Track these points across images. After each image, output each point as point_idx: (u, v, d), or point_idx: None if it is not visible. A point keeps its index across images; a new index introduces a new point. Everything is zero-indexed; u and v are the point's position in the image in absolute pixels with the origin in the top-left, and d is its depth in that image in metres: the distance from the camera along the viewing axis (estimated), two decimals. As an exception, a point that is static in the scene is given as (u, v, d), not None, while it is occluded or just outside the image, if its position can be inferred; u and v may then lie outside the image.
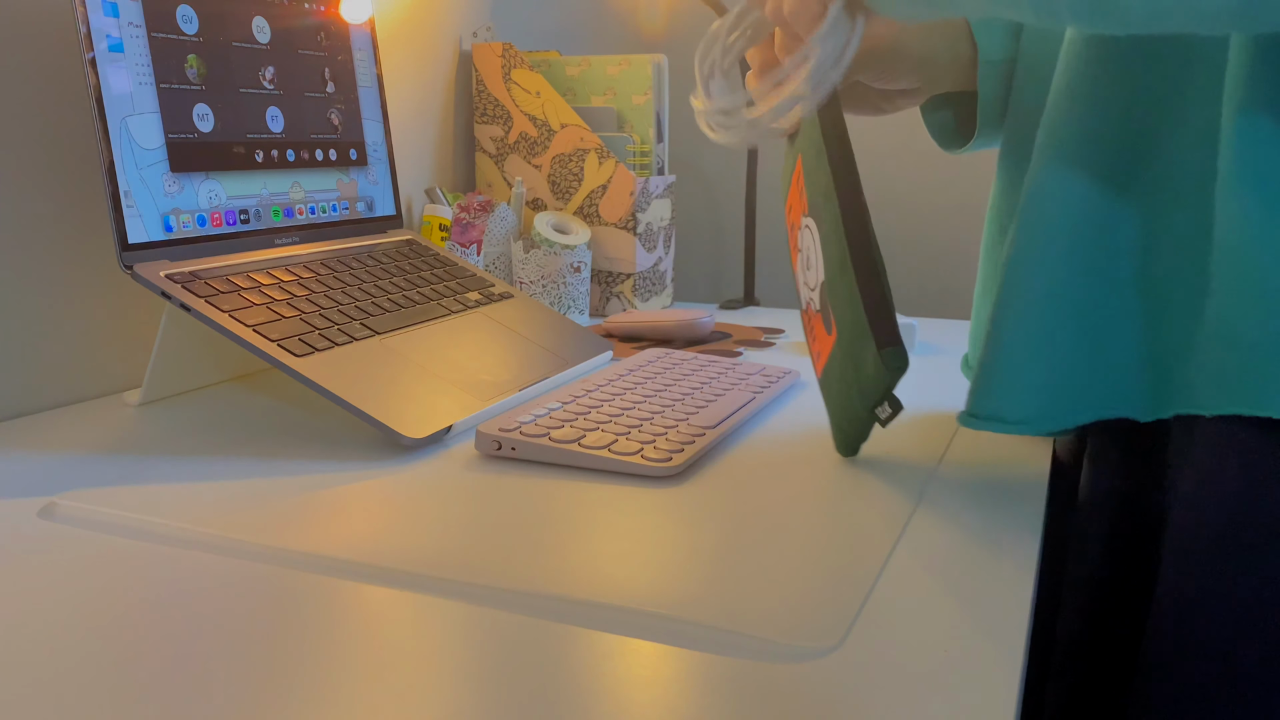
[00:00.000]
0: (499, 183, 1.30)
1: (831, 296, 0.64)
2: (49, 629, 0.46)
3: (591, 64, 1.27)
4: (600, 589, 0.49)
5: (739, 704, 0.40)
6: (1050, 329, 0.55)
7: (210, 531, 0.56)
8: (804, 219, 0.68)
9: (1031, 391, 0.56)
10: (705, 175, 1.68)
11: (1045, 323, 0.55)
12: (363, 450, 0.71)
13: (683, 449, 0.67)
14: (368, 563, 0.52)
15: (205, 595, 0.49)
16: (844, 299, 0.62)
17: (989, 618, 0.47)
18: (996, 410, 0.57)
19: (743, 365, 0.90)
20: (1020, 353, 0.56)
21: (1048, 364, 0.55)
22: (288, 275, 0.84)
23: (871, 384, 0.60)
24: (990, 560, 0.53)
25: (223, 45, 0.85)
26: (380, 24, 1.15)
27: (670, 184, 1.27)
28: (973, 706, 0.40)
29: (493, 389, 0.80)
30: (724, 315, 1.27)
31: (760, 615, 0.47)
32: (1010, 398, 0.56)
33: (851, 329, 0.61)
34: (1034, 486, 0.65)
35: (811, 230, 0.67)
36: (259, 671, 0.42)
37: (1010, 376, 0.56)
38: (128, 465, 0.68)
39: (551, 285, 1.13)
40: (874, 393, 0.60)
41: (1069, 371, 0.55)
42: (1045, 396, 0.56)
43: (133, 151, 0.77)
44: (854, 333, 0.61)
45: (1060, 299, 0.55)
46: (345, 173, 0.98)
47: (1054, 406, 0.56)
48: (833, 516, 0.59)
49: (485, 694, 0.40)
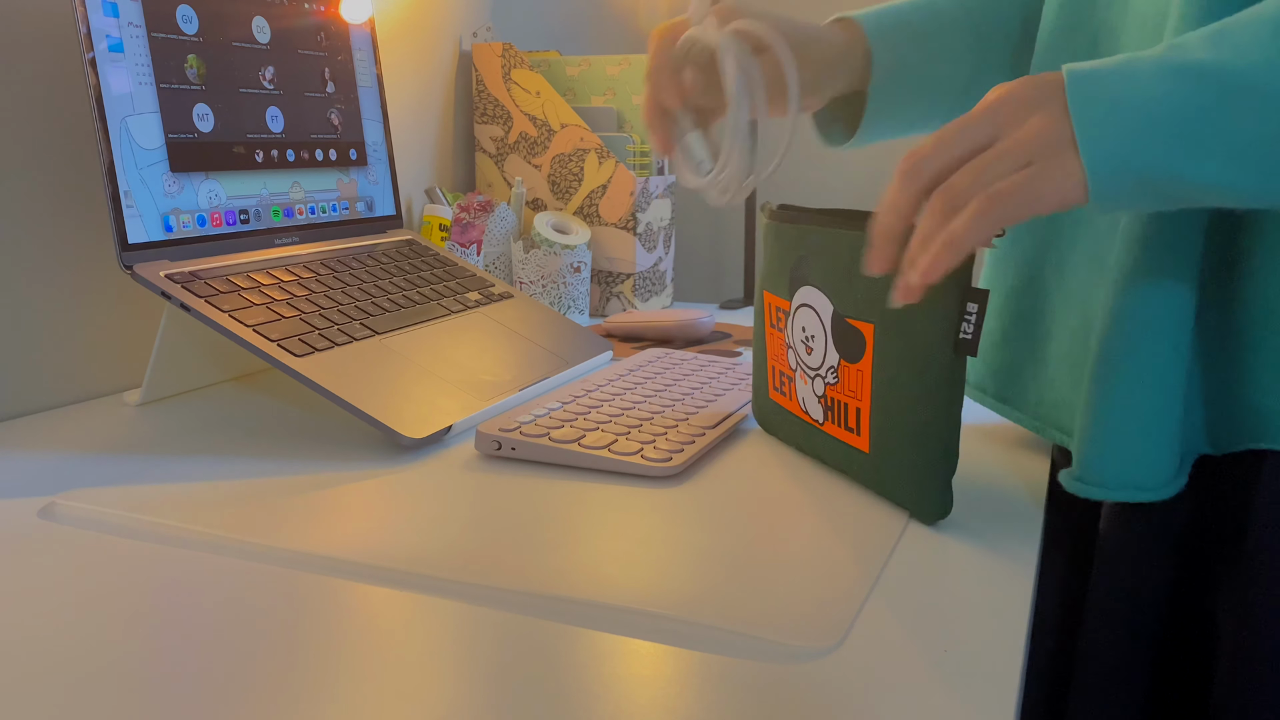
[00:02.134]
0: (499, 183, 1.30)
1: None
2: (49, 629, 0.46)
3: (591, 64, 1.27)
4: (600, 589, 0.49)
5: (739, 704, 0.40)
6: (1156, 406, 0.57)
7: (210, 531, 0.56)
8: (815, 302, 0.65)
9: (1149, 461, 0.57)
10: (705, 175, 1.67)
11: (1152, 401, 0.56)
12: (363, 450, 0.71)
13: (683, 449, 0.67)
14: (368, 563, 0.52)
15: (205, 595, 0.49)
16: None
17: (989, 618, 0.47)
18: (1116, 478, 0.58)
19: (743, 365, 0.90)
20: (1131, 426, 0.57)
21: (1159, 437, 0.57)
22: (288, 275, 0.84)
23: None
24: (990, 560, 0.53)
25: (223, 45, 0.85)
26: (380, 24, 1.15)
27: (670, 184, 1.27)
28: (973, 706, 0.40)
29: (493, 389, 0.80)
30: (724, 315, 1.27)
31: (760, 615, 0.47)
32: (1128, 467, 0.58)
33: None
34: (1034, 488, 0.65)
35: (818, 313, 0.64)
36: (259, 671, 0.42)
37: (1122, 448, 0.57)
38: (128, 465, 0.68)
39: (551, 285, 1.13)
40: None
41: (1170, 438, 0.57)
42: (1159, 466, 0.57)
43: (133, 151, 0.77)
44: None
45: (1161, 379, 0.56)
46: (345, 173, 0.98)
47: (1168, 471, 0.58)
48: (833, 516, 0.59)
49: (485, 694, 0.40)
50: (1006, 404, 0.71)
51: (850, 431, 0.62)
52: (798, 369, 0.67)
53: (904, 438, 0.58)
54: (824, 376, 0.64)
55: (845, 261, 0.62)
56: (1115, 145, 0.46)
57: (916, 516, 0.59)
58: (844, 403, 0.62)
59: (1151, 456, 0.56)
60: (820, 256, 0.64)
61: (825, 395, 0.64)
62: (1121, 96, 0.46)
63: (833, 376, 0.63)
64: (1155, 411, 0.56)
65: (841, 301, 0.62)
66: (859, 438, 0.61)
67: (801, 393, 0.67)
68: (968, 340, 0.55)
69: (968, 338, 0.55)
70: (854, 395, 0.61)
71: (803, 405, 0.67)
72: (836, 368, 0.63)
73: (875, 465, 0.61)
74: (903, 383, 0.58)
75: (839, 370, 0.62)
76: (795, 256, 0.66)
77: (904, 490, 0.59)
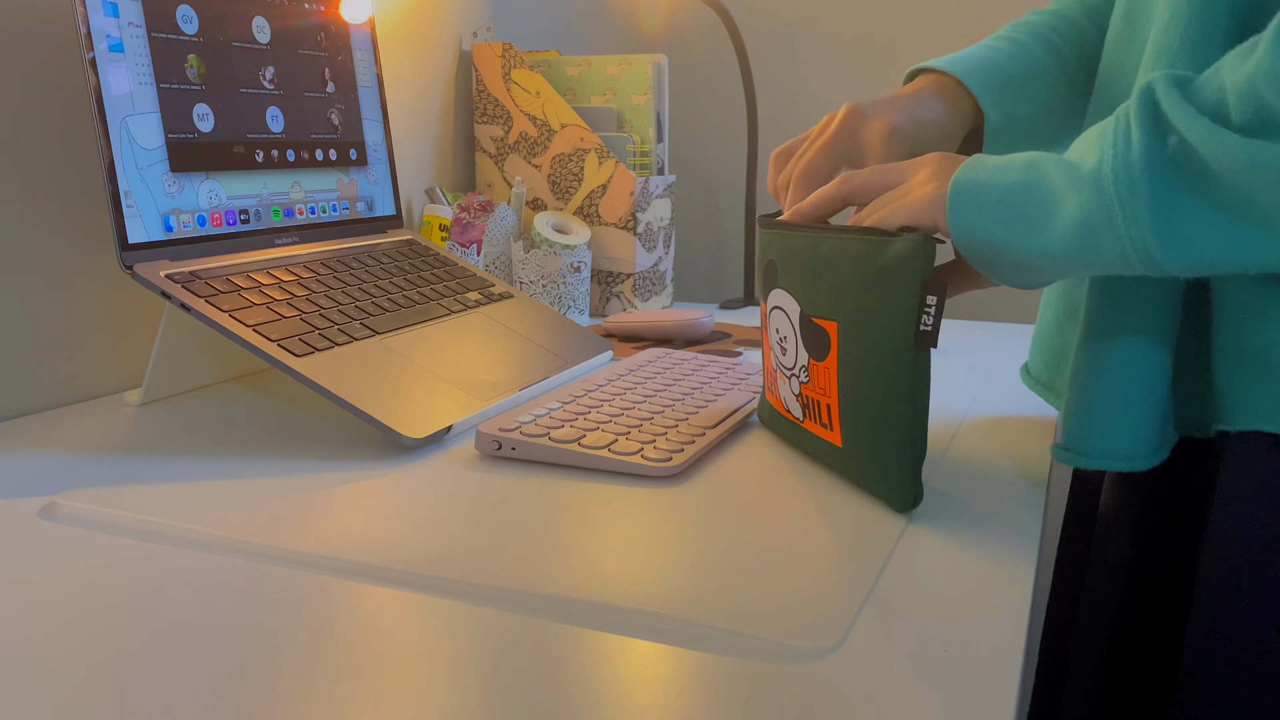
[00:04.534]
0: (499, 183, 1.30)
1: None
2: (49, 629, 0.46)
3: (591, 64, 1.27)
4: (600, 589, 0.49)
5: (739, 704, 0.40)
6: (1140, 379, 0.59)
7: (211, 531, 0.56)
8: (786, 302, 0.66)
9: (1130, 433, 0.60)
10: (705, 175, 1.68)
11: (1135, 374, 0.59)
12: (363, 450, 0.71)
13: (683, 449, 0.67)
14: (368, 563, 0.52)
15: (205, 595, 0.49)
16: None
17: (989, 618, 0.47)
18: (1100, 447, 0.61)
19: (743, 365, 0.90)
20: (1116, 397, 0.60)
21: (1144, 409, 0.60)
22: (288, 275, 0.84)
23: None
24: (990, 560, 0.53)
25: (223, 45, 0.85)
26: (380, 24, 1.15)
27: (670, 184, 1.27)
28: (973, 706, 0.40)
29: (493, 389, 0.80)
30: (724, 315, 1.27)
31: (760, 615, 0.47)
32: (1111, 438, 0.60)
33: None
34: (1034, 487, 0.65)
35: (787, 313, 0.66)
36: (259, 671, 0.42)
37: (1108, 418, 0.60)
38: (128, 465, 0.68)
39: (551, 285, 1.13)
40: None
41: (1158, 412, 0.60)
42: (1140, 437, 0.60)
43: (133, 151, 0.77)
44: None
45: (1144, 357, 0.59)
46: (345, 173, 0.98)
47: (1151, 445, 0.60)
48: (833, 516, 0.59)
49: (485, 694, 0.40)
50: (1051, 391, 0.72)
51: (825, 427, 0.64)
52: (777, 369, 0.68)
53: (872, 430, 0.59)
54: (798, 376, 0.65)
55: (807, 262, 0.63)
56: (970, 218, 0.55)
57: (889, 506, 0.60)
58: (816, 400, 0.64)
59: (1133, 428, 0.59)
60: (786, 259, 0.66)
61: (801, 394, 0.66)
62: (987, 180, 0.55)
63: (805, 375, 0.64)
64: (1138, 384, 0.58)
65: (807, 301, 0.63)
66: (832, 433, 0.63)
67: (783, 392, 0.68)
68: (928, 332, 0.56)
69: (928, 329, 0.56)
70: (824, 392, 0.63)
71: (785, 404, 0.69)
72: (807, 366, 0.64)
73: (848, 458, 0.62)
74: (867, 377, 0.59)
75: (809, 369, 0.64)
76: (766, 260, 0.68)
77: (875, 481, 0.60)
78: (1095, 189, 0.50)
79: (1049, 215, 0.52)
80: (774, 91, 1.60)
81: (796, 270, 0.64)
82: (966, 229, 0.55)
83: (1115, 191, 0.49)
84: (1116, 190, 0.49)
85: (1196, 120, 0.47)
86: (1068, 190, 0.51)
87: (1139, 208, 0.48)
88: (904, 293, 0.56)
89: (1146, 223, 0.48)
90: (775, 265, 0.67)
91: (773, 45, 1.59)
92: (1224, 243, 0.48)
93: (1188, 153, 0.47)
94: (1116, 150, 0.49)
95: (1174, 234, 0.48)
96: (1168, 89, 0.48)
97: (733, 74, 1.63)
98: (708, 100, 1.65)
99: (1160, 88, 0.49)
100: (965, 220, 0.55)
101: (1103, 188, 0.49)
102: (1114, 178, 0.49)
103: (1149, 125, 0.48)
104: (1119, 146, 0.49)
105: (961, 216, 0.55)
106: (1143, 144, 0.48)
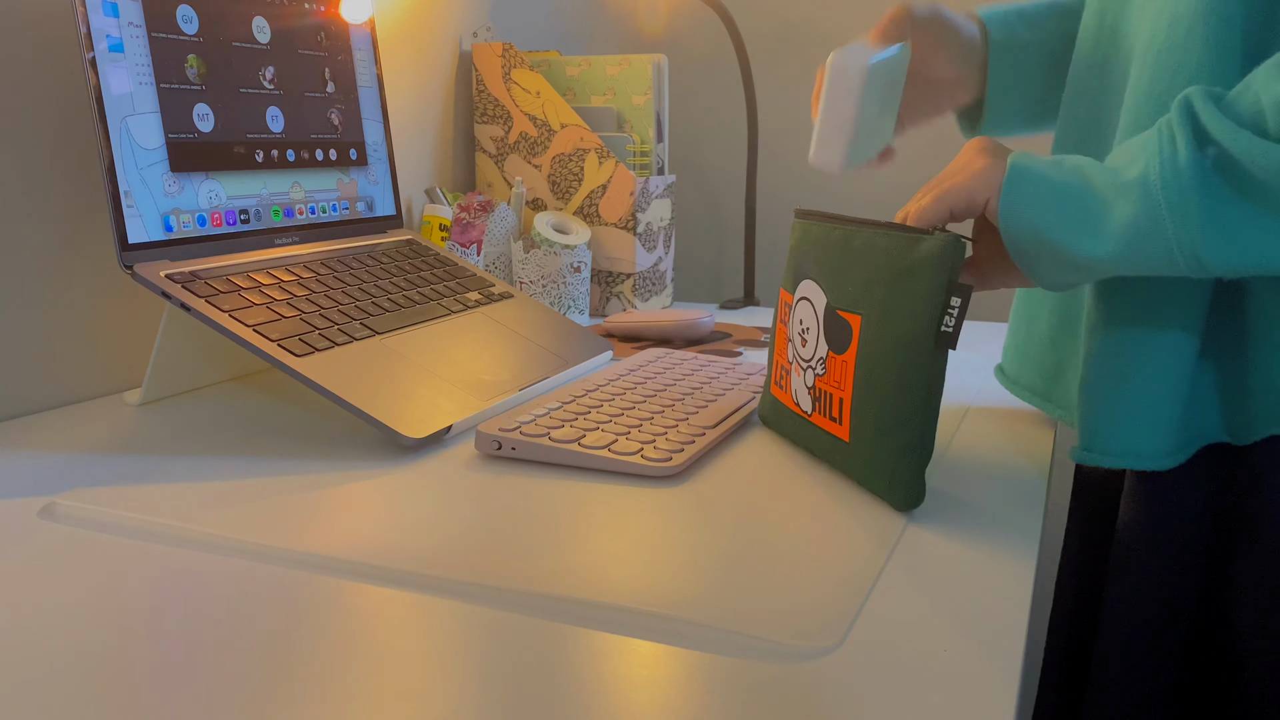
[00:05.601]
0: (499, 183, 1.30)
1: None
2: (49, 629, 0.46)
3: (591, 64, 1.27)
4: (600, 589, 0.49)
5: (739, 704, 0.40)
6: (1158, 378, 0.61)
7: (210, 531, 0.56)
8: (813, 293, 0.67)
9: (1151, 432, 0.61)
10: (705, 175, 1.68)
11: (1155, 374, 0.61)
12: (363, 450, 0.71)
13: (683, 449, 0.67)
14: (368, 563, 0.52)
15: (205, 595, 0.49)
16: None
17: (989, 618, 0.47)
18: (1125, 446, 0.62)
19: (743, 365, 0.90)
20: (1141, 395, 0.61)
21: (1167, 406, 0.61)
22: (288, 275, 0.84)
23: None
24: (990, 560, 0.53)
25: (223, 45, 0.85)
26: (380, 24, 1.15)
27: (670, 184, 1.27)
28: (973, 706, 0.40)
29: (493, 389, 0.80)
30: (724, 315, 1.27)
31: (760, 615, 0.47)
32: (1137, 436, 0.62)
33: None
34: (1034, 487, 0.65)
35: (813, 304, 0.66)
36: (259, 671, 0.42)
37: (1132, 417, 0.61)
38: (128, 465, 0.68)
39: (551, 285, 1.13)
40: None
41: (1179, 410, 0.61)
42: (1158, 437, 0.61)
43: (133, 151, 0.77)
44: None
45: (1164, 356, 0.60)
46: (345, 173, 0.98)
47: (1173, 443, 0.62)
48: (833, 516, 0.59)
49: (485, 694, 0.40)
50: (1050, 402, 0.73)
51: (834, 421, 0.64)
52: (794, 361, 0.68)
53: (881, 426, 0.59)
54: (814, 368, 0.65)
55: (838, 254, 0.64)
56: (1024, 204, 0.57)
57: (890, 504, 0.60)
58: (829, 393, 0.64)
59: (1154, 426, 0.60)
60: (818, 250, 0.66)
61: (814, 386, 0.66)
62: (1045, 173, 0.57)
63: (821, 368, 0.65)
64: (1159, 382, 0.60)
65: (834, 293, 0.63)
66: (840, 427, 0.63)
67: (795, 385, 0.68)
68: (949, 334, 0.56)
69: (949, 330, 0.56)
70: (838, 386, 0.63)
71: (795, 397, 0.69)
72: (825, 359, 0.64)
73: (854, 454, 0.62)
74: (883, 372, 0.59)
75: (827, 361, 0.64)
76: (801, 251, 0.69)
77: (878, 478, 0.60)
78: (1143, 194, 0.52)
79: (1100, 219, 0.54)
80: (774, 91, 1.60)
81: (828, 262, 0.65)
82: (1018, 213, 0.57)
83: (1164, 197, 0.51)
84: (1165, 195, 0.51)
85: (1238, 133, 0.50)
86: (1115, 196, 0.54)
87: (1188, 212, 0.51)
88: (929, 291, 0.57)
89: (1195, 226, 0.51)
90: (809, 255, 0.67)
91: (773, 45, 1.59)
92: (1269, 244, 0.50)
93: (1229, 162, 0.50)
94: (1163, 158, 0.52)
95: (1220, 236, 0.51)
96: (1205, 103, 0.51)
97: (733, 74, 1.63)
98: (708, 100, 1.65)
99: (1198, 102, 0.52)
100: (1019, 205, 0.57)
101: (1150, 193, 0.52)
102: (1162, 184, 0.51)
103: (1190, 136, 0.51)
104: (1165, 154, 0.52)
105: (1016, 200, 0.57)
106: (1188, 152, 0.51)
